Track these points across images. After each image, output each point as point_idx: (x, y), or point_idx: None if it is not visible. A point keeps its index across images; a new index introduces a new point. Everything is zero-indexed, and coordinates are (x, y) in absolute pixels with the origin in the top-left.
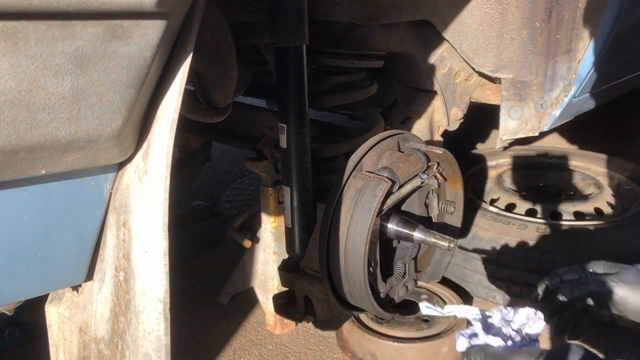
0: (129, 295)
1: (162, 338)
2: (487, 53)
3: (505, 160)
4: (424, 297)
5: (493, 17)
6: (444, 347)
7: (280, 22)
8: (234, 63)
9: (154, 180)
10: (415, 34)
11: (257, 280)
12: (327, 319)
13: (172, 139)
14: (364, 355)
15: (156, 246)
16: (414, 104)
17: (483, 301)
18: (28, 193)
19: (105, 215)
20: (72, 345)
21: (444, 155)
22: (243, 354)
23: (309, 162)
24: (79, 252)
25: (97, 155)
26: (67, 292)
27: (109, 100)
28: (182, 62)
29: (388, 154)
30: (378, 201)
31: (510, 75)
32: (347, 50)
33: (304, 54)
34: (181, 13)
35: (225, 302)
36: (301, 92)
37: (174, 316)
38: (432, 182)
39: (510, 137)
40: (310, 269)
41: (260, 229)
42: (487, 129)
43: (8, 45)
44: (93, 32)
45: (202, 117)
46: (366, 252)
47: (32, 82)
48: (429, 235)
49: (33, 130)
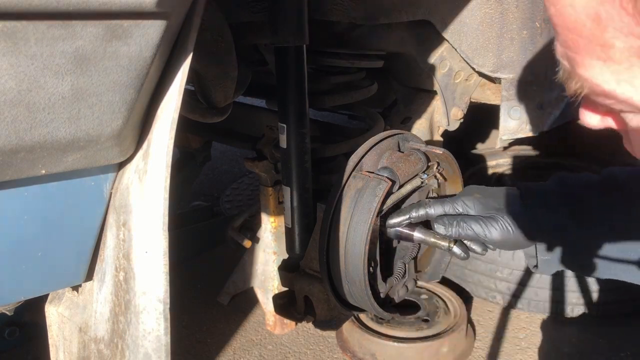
0: (129, 295)
1: (162, 338)
2: (487, 53)
3: (505, 160)
4: (423, 297)
5: (493, 17)
6: (444, 347)
7: (280, 22)
8: (234, 63)
9: (154, 180)
10: (415, 34)
11: (257, 280)
12: (327, 319)
13: (172, 139)
14: (364, 355)
15: (156, 246)
16: (414, 104)
17: (483, 301)
18: (28, 193)
19: (105, 215)
20: (72, 345)
21: (444, 155)
22: (243, 354)
23: (309, 162)
24: (79, 252)
25: (97, 155)
26: (67, 292)
27: (109, 100)
28: (182, 62)
29: (388, 154)
30: (378, 201)
31: (510, 75)
32: (347, 50)
33: (304, 54)
34: (181, 13)
35: (225, 302)
36: (301, 92)
37: (174, 316)
38: (432, 182)
39: (510, 137)
40: (310, 269)
41: (260, 229)
42: (487, 129)
43: (8, 45)
44: (93, 32)
45: (202, 117)
46: (366, 252)
47: (32, 82)
48: (429, 235)
49: (33, 130)
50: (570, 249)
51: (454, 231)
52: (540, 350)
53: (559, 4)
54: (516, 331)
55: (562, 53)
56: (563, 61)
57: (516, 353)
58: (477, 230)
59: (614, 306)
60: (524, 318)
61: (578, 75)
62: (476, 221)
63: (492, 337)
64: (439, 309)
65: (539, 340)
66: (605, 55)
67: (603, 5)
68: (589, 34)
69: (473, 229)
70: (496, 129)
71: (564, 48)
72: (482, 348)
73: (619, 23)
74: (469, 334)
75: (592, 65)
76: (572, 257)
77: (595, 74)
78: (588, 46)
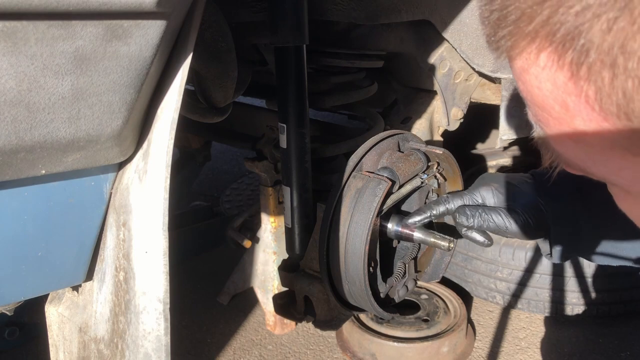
0: (129, 295)
1: (162, 338)
2: (487, 53)
3: (505, 160)
4: (423, 297)
5: None
6: (444, 347)
7: (280, 22)
8: (233, 63)
9: (154, 180)
10: (415, 34)
11: (257, 280)
12: (327, 319)
13: (172, 139)
14: (364, 355)
15: (156, 246)
16: (414, 104)
17: (483, 301)
18: (28, 193)
19: (105, 215)
20: (72, 345)
21: (444, 155)
22: (243, 354)
23: (309, 162)
24: (79, 252)
25: (97, 155)
26: (67, 292)
27: (109, 100)
28: (182, 62)
29: (388, 154)
30: (378, 201)
31: (510, 75)
32: (347, 50)
33: (304, 54)
34: (181, 13)
35: (225, 302)
36: (301, 92)
37: (174, 316)
38: (432, 182)
39: (510, 137)
40: (310, 269)
41: (260, 229)
42: (487, 129)
43: (8, 45)
44: (93, 32)
45: (202, 117)
46: (366, 252)
47: (32, 82)
48: (428, 235)
49: (33, 130)
50: (583, 237)
51: (476, 222)
52: (540, 350)
53: (527, 83)
54: (516, 331)
55: (535, 121)
56: (536, 127)
57: (516, 353)
58: (499, 222)
59: (614, 306)
60: (524, 318)
61: (552, 148)
62: (497, 213)
63: (492, 337)
64: (439, 309)
65: (539, 340)
66: (577, 138)
67: (570, 97)
68: (558, 116)
69: (494, 220)
70: (496, 129)
71: (535, 119)
72: (482, 348)
73: (587, 116)
74: (469, 334)
75: (564, 143)
76: (586, 244)
77: (568, 150)
78: (559, 126)
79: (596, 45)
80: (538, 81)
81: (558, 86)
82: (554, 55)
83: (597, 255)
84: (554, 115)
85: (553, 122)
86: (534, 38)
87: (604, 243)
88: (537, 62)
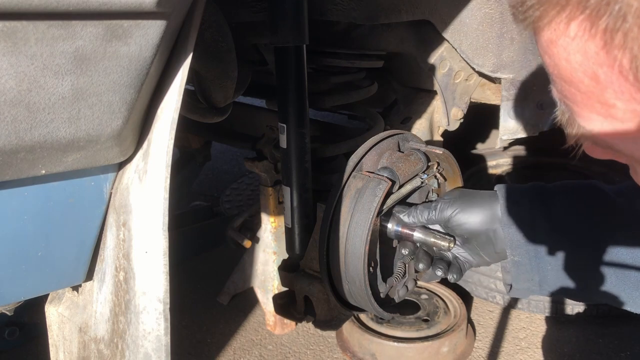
0: (129, 295)
1: (162, 338)
2: (487, 53)
3: (505, 160)
4: (424, 297)
5: (493, 17)
6: (444, 347)
7: (280, 22)
8: (233, 63)
9: (154, 180)
10: (415, 34)
11: (257, 280)
12: (327, 319)
13: (172, 139)
14: (364, 355)
15: (156, 246)
16: (414, 104)
17: (483, 301)
18: (28, 193)
19: (105, 215)
20: (72, 345)
21: (444, 155)
22: (243, 354)
23: (309, 162)
24: (79, 252)
25: (97, 155)
26: (67, 292)
27: (109, 100)
28: (182, 62)
29: (388, 154)
30: (378, 201)
31: (510, 75)
32: (347, 50)
33: (304, 54)
34: (181, 13)
35: (225, 302)
36: (301, 92)
37: (174, 316)
38: (432, 182)
39: (510, 137)
40: (310, 269)
41: (260, 229)
42: (487, 129)
43: (8, 45)
44: (93, 32)
45: (202, 117)
46: (366, 252)
47: (32, 82)
48: (428, 235)
49: (33, 130)
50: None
51: (410, 219)
52: (540, 350)
53: (554, 56)
54: (516, 331)
55: (560, 98)
56: (561, 104)
57: (516, 353)
58: (430, 214)
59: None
60: (524, 318)
61: (578, 124)
62: (426, 207)
63: (492, 337)
64: (439, 309)
65: (539, 340)
66: (606, 113)
67: (601, 68)
68: (586, 90)
69: (424, 214)
70: (496, 129)
71: (561, 96)
72: (482, 348)
73: (619, 87)
74: (469, 334)
75: (592, 119)
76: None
77: (596, 127)
78: (587, 101)
79: (635, 8)
80: (567, 53)
81: (589, 57)
82: (585, 23)
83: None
84: (583, 90)
85: (581, 97)
86: (565, 6)
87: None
88: (566, 32)
